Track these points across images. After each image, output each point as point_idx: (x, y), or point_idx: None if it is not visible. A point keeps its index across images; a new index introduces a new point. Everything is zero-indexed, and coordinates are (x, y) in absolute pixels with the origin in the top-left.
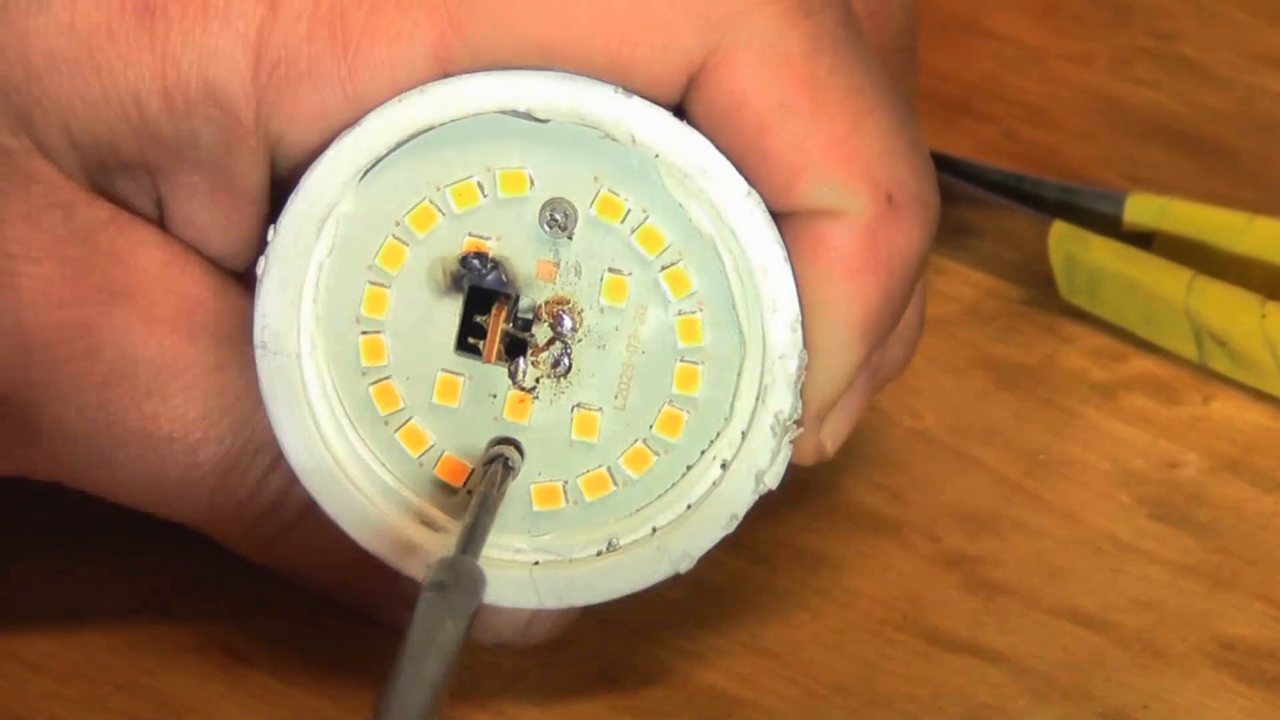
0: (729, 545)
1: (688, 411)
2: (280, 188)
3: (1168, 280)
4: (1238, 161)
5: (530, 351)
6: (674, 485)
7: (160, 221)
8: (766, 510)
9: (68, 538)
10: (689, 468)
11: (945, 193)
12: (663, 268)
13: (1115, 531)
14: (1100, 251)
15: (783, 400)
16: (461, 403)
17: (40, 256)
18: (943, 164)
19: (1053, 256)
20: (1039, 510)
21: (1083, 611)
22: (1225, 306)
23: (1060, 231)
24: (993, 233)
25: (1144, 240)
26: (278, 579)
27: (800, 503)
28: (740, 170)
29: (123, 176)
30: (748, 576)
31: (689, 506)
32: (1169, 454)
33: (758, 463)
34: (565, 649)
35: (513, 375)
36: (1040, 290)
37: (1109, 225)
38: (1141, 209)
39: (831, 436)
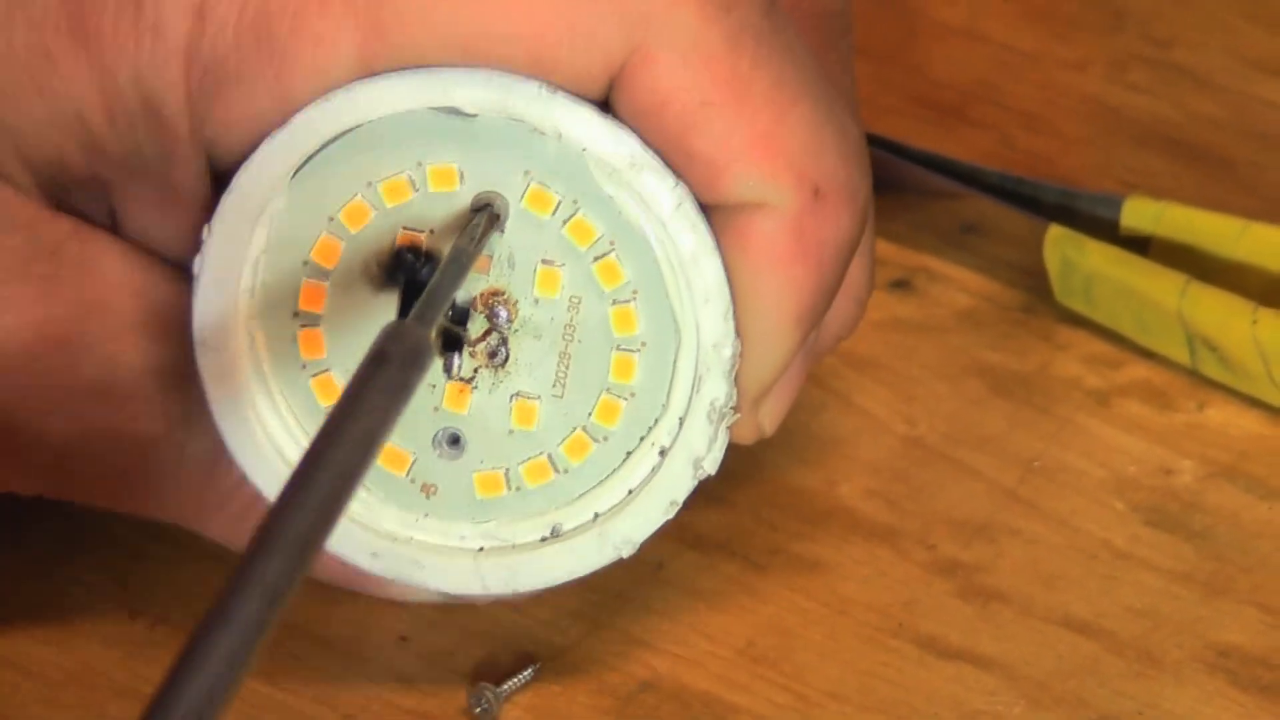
0: (724, 552)
1: (625, 399)
2: (222, 190)
3: (1161, 285)
4: (1233, 169)
5: (467, 344)
6: (614, 471)
7: (115, 229)
8: (761, 517)
9: (65, 544)
10: (628, 454)
11: (943, 195)
12: (595, 259)
13: (1110, 538)
14: (1096, 256)
15: (717, 389)
16: None
17: (9, 279)
18: (941, 167)
19: (1049, 260)
20: (1034, 517)
21: (1078, 618)
22: (1217, 312)
23: (1057, 235)
24: (990, 236)
25: (1141, 245)
26: None
27: (795, 509)
28: (667, 162)
29: (76, 191)
30: (742, 582)
31: (630, 492)
32: (1164, 461)
33: (695, 450)
34: (560, 654)
35: (447, 369)
36: (1035, 297)
37: (1107, 229)
38: (1139, 213)
39: (769, 417)
